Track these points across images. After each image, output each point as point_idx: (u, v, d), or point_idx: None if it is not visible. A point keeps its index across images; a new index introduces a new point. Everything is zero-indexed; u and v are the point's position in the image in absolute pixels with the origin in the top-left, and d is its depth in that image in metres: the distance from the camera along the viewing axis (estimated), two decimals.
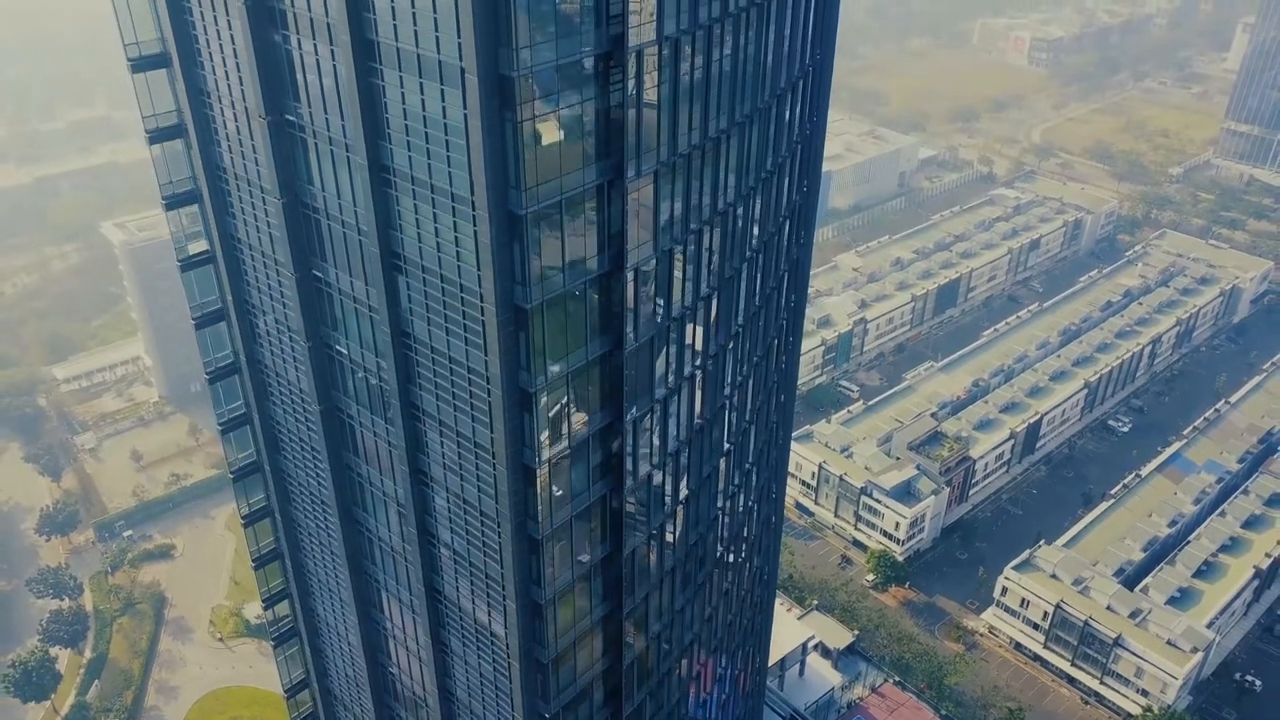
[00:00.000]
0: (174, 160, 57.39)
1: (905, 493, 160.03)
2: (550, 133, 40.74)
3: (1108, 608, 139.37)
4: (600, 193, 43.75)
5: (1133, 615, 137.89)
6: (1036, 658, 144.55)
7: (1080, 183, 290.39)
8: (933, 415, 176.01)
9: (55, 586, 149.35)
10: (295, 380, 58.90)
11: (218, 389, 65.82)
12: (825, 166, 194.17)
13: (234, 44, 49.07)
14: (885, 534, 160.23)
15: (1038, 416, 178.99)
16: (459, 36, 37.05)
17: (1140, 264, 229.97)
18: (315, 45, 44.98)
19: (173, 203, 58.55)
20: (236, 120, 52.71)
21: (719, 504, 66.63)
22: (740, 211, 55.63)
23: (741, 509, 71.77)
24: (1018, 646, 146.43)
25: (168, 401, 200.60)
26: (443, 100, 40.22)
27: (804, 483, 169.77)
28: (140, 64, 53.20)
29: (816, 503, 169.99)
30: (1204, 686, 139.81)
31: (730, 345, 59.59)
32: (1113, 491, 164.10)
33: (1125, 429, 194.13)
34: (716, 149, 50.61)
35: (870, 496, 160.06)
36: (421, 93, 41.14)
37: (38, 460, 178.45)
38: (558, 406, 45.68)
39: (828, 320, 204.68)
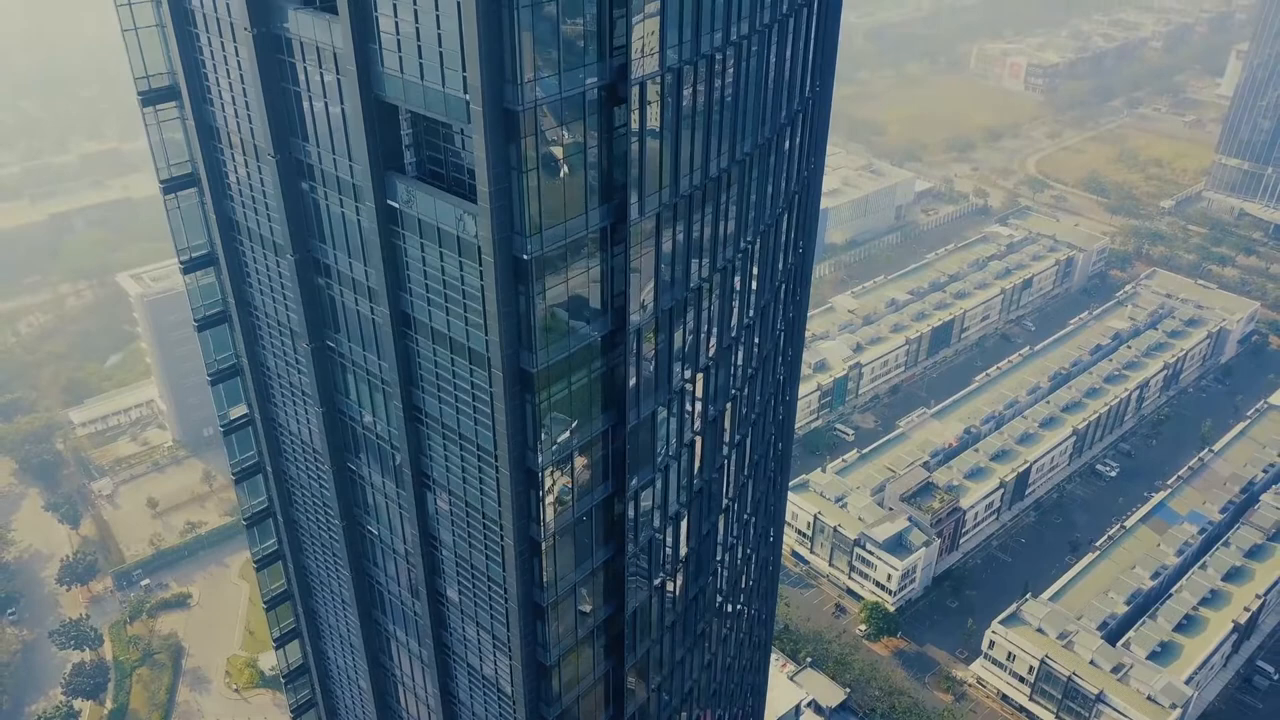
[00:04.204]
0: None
1: (897, 544, 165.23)
2: (563, 401, 47.17)
3: (1091, 662, 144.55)
4: (605, 436, 50.21)
5: (1115, 670, 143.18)
6: (1022, 709, 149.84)
7: (1074, 215, 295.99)
8: (924, 465, 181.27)
9: (76, 638, 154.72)
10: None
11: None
12: (823, 202, 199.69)
13: (282, 280, 55.17)
14: (878, 584, 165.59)
15: (1027, 465, 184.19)
16: (486, 333, 43.59)
17: (1130, 305, 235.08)
18: (356, 299, 51.56)
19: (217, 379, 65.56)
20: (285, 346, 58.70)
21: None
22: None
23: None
24: (1004, 698, 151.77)
25: (181, 445, 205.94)
26: (471, 376, 46.53)
27: (800, 532, 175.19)
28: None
29: (812, 551, 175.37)
30: None
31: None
32: (1098, 543, 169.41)
33: (1113, 474, 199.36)
34: (713, 363, 56.26)
35: (863, 548, 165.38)
36: (453, 365, 47.66)
37: (57, 509, 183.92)
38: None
39: (824, 364, 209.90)
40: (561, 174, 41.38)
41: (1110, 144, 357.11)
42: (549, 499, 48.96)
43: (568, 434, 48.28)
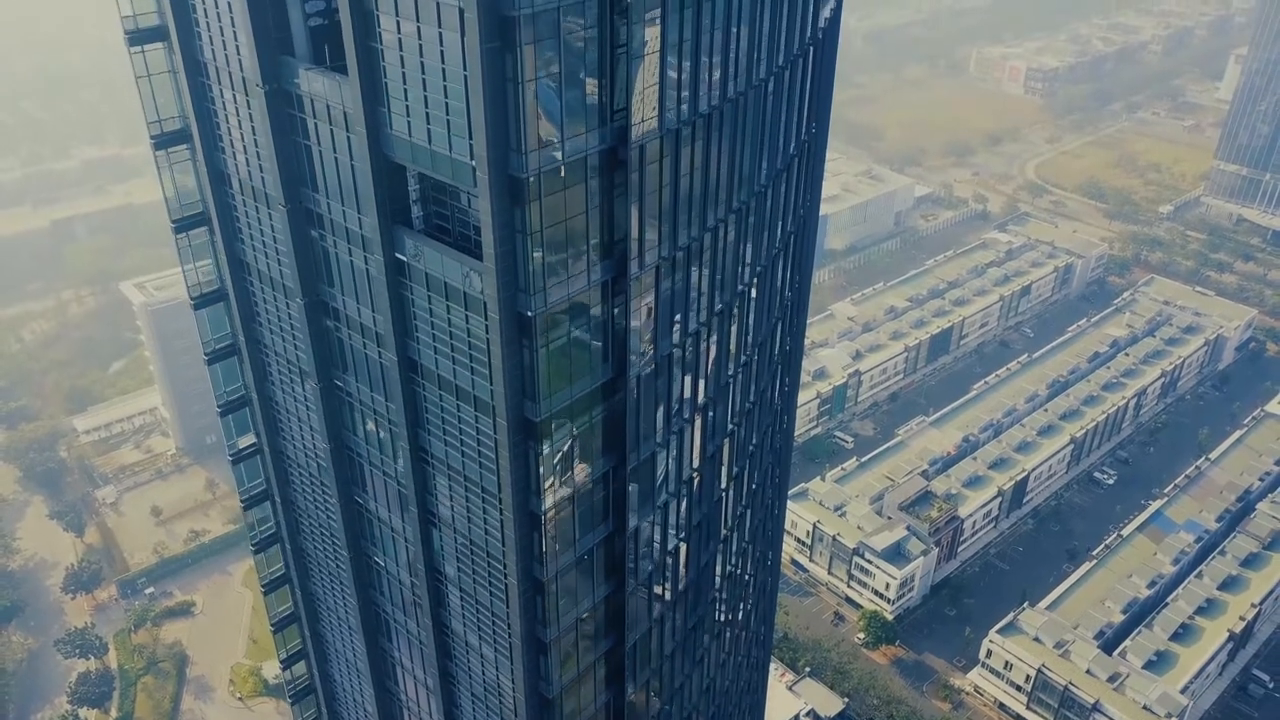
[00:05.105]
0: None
1: (896, 553, 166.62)
2: (565, 446, 48.52)
3: (1087, 672, 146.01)
4: (606, 477, 51.85)
5: (1111, 679, 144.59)
6: (1020, 718, 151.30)
7: (1072, 221, 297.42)
8: (923, 474, 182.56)
9: (82, 647, 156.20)
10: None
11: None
12: (823, 209, 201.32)
13: (291, 321, 56.62)
14: (876, 593, 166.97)
15: (1025, 473, 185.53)
16: (491, 383, 45.11)
17: (1128, 312, 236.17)
18: (364, 343, 53.11)
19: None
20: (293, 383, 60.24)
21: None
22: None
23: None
24: (1001, 706, 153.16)
25: (184, 453, 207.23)
26: (476, 423, 47.91)
27: (799, 540, 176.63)
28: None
29: (811, 560, 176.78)
30: None
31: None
32: (1095, 552, 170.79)
33: (1110, 481, 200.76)
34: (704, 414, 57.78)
35: (862, 557, 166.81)
36: (458, 411, 48.96)
37: (61, 517, 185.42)
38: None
39: (823, 372, 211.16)
40: (564, 234, 42.76)
41: (1109, 149, 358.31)
42: (551, 539, 50.37)
43: (569, 477, 49.67)
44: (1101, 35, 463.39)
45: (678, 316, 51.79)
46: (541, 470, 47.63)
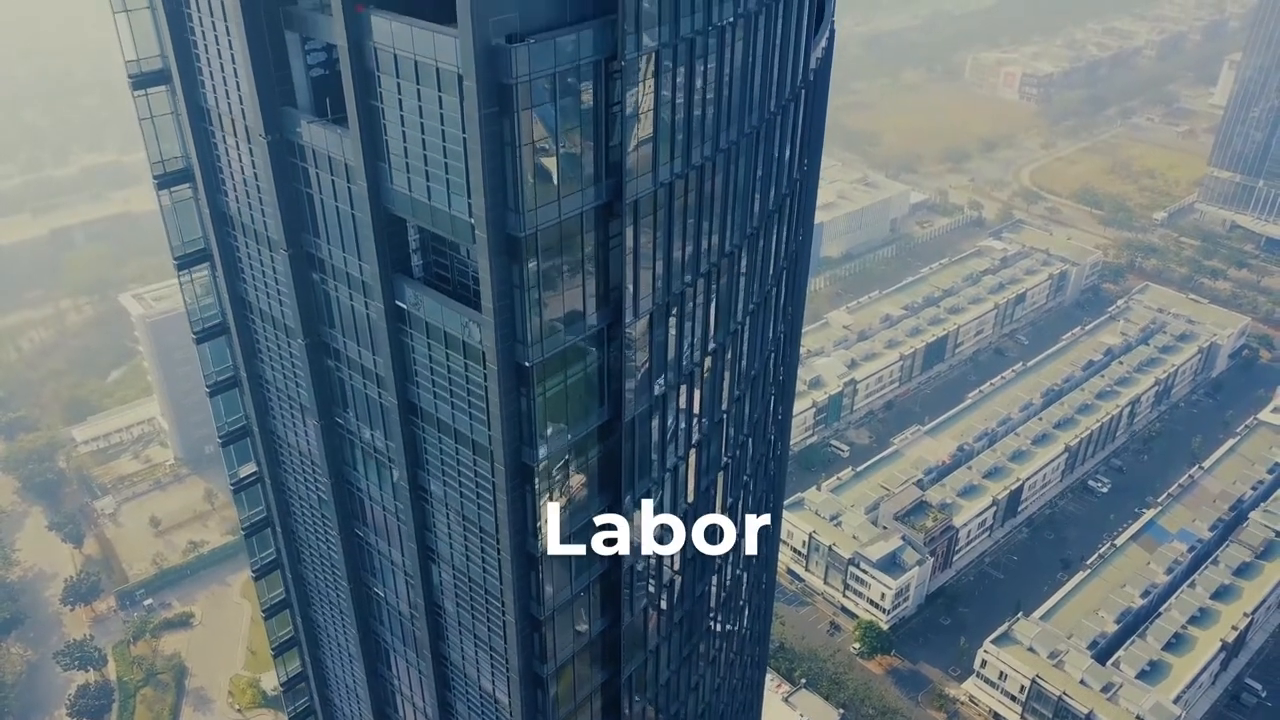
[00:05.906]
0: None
1: (891, 563, 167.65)
2: (560, 488, 49.31)
3: (1081, 682, 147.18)
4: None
5: (1105, 689, 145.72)
6: None
7: (1067, 228, 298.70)
8: (918, 483, 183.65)
9: (80, 658, 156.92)
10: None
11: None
12: (818, 216, 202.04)
13: (292, 359, 57.58)
14: (872, 603, 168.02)
15: (1019, 482, 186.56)
16: (489, 429, 46.17)
17: (1122, 320, 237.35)
18: (365, 384, 54.08)
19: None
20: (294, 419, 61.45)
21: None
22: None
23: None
24: (996, 716, 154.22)
25: (183, 463, 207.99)
26: (475, 466, 48.89)
27: (795, 550, 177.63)
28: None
29: (807, 569, 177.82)
30: None
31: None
32: (1089, 561, 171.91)
33: (1105, 489, 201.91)
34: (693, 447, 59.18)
35: (858, 567, 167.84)
36: (457, 454, 49.91)
37: (60, 528, 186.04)
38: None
39: (818, 381, 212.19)
40: (561, 287, 43.74)
41: (1103, 155, 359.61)
42: (548, 578, 51.33)
43: (565, 519, 50.60)
44: (1096, 40, 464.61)
45: (672, 358, 52.73)
46: (538, 512, 48.58)
